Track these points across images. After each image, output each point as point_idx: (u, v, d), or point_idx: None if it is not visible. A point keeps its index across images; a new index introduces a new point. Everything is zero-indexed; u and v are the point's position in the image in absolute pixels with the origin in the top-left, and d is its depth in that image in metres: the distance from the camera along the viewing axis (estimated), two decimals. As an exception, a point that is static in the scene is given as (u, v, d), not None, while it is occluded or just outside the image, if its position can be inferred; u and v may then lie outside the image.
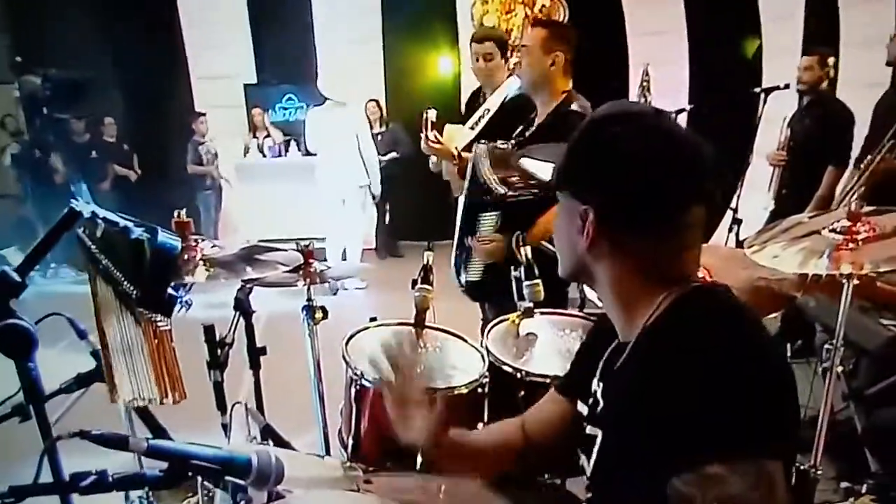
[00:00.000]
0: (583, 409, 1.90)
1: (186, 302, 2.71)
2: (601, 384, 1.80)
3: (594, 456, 1.74)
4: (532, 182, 3.79)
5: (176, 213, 3.03)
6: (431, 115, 4.65)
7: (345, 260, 10.16)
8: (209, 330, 3.10)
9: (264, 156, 12.44)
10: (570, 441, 1.95)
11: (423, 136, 4.67)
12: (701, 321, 1.57)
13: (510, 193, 3.95)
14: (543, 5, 11.13)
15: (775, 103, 6.62)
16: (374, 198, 10.51)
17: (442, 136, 4.75)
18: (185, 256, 2.92)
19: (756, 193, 6.84)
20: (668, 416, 1.44)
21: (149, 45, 11.34)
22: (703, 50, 11.07)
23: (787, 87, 6.51)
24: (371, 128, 10.89)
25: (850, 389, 3.83)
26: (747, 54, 11.02)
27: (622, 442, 1.62)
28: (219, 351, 3.16)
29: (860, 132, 6.40)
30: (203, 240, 3.08)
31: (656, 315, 1.63)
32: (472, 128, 4.80)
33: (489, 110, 4.81)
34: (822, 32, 8.83)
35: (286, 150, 12.58)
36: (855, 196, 5.37)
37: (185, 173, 11.89)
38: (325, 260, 9.46)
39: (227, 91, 12.58)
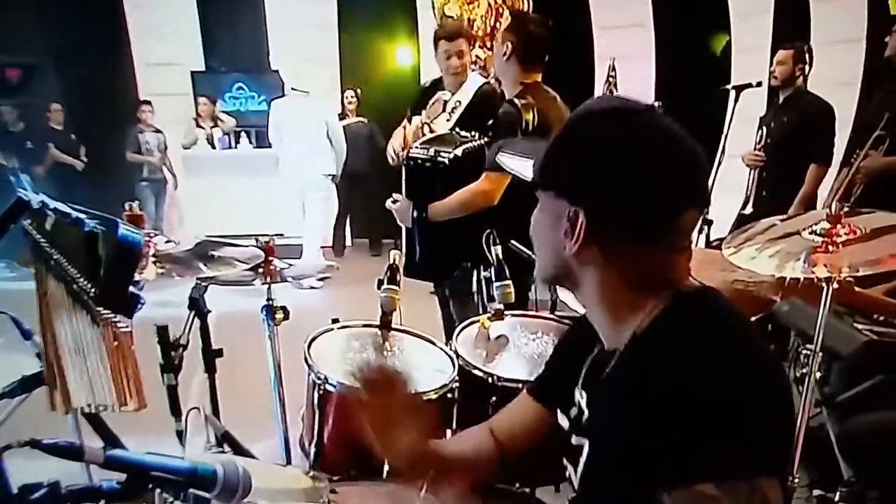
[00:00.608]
0: (562, 418, 1.86)
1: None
2: (585, 393, 1.77)
3: (581, 467, 1.70)
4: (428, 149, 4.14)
5: (127, 206, 2.94)
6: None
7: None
8: (163, 331, 3.02)
9: (213, 147, 12.21)
10: (545, 448, 1.95)
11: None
12: (694, 329, 1.52)
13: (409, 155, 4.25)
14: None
15: (744, 101, 6.60)
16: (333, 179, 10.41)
17: (408, 130, 4.88)
18: (138, 252, 2.85)
19: (727, 194, 6.82)
20: (660, 430, 1.40)
21: (90, 30, 11.19)
22: (671, 45, 11.10)
23: (759, 84, 6.38)
24: (346, 117, 11.22)
25: (822, 395, 3.84)
26: (716, 50, 11.09)
27: (610, 454, 1.58)
28: (173, 353, 3.09)
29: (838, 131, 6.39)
30: (156, 234, 3.00)
31: (646, 322, 1.59)
32: (447, 119, 4.85)
33: (460, 102, 4.85)
34: (792, 29, 8.79)
35: (237, 142, 12.42)
36: (837, 196, 5.43)
37: (129, 164, 11.73)
38: (300, 256, 9.83)
39: (173, 79, 12.39)
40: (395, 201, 4.35)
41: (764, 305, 3.52)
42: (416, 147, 4.29)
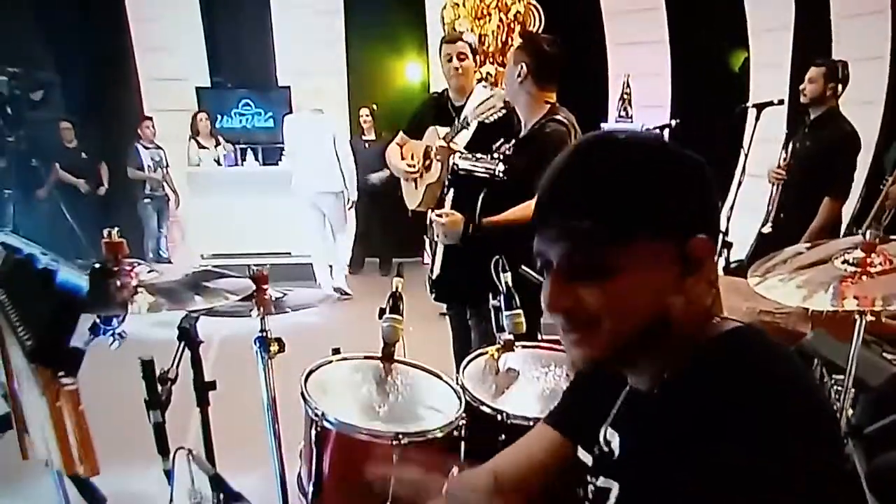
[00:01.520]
0: (583, 454, 1.74)
1: (119, 335, 2.53)
2: (617, 434, 1.63)
3: None
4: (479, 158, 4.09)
5: (106, 233, 2.80)
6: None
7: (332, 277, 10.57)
8: (147, 364, 2.88)
9: (219, 164, 12.06)
10: (562, 488, 1.83)
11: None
12: (749, 367, 1.40)
13: (461, 168, 4.15)
14: (518, 12, 10.96)
15: (766, 119, 6.45)
16: (351, 204, 10.70)
17: (423, 139, 5.11)
18: (118, 283, 2.70)
19: (747, 214, 6.69)
20: (725, 474, 1.27)
21: (93, 44, 11.14)
22: (688, 62, 10.97)
23: (781, 102, 6.23)
24: (363, 135, 11.47)
25: (849, 427, 3.72)
26: (734, 67, 10.96)
27: (651, 498, 1.44)
28: (160, 387, 2.94)
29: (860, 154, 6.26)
30: (139, 264, 2.86)
31: (686, 361, 1.46)
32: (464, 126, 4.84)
33: (469, 118, 4.78)
34: (813, 46, 8.69)
35: (243, 159, 12.27)
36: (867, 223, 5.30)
37: (132, 182, 11.65)
38: (312, 276, 10.17)
39: (178, 94, 12.27)
40: (441, 215, 4.20)
41: (793, 339, 3.40)
42: (462, 161, 4.21)
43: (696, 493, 1.30)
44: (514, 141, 4.24)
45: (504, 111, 4.42)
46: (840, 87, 6.19)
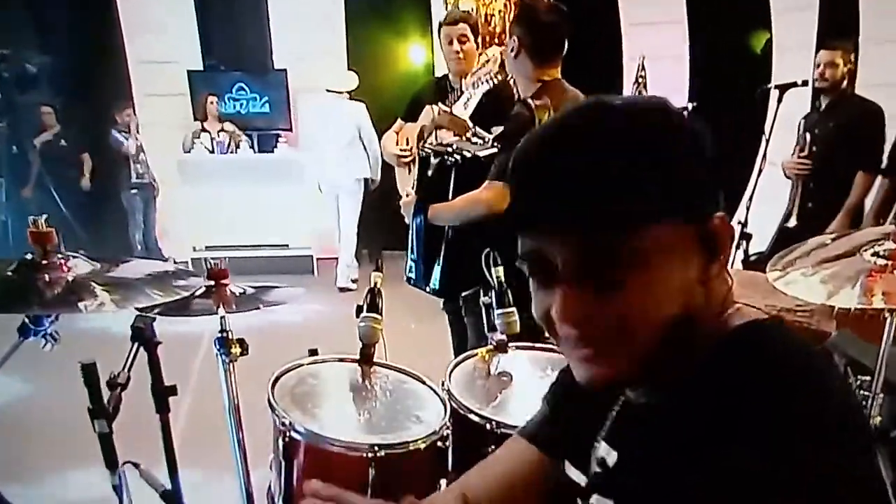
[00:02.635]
0: (575, 473, 1.59)
1: (52, 335, 2.38)
2: (614, 451, 1.47)
3: None
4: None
5: (31, 221, 2.62)
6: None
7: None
8: (89, 368, 2.70)
9: (212, 152, 11.86)
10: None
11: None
12: (764, 365, 1.23)
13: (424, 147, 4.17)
14: (518, -9, 10.83)
15: (788, 104, 6.30)
16: (372, 184, 10.78)
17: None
18: (48, 277, 2.53)
19: (767, 205, 6.52)
20: (735, 479, 1.13)
21: (79, 24, 11.00)
22: (706, 43, 10.83)
23: (805, 83, 6.05)
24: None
25: (875, 431, 3.61)
26: (755, 49, 10.84)
27: None
28: (108, 394, 2.77)
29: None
30: (75, 256, 2.69)
31: (697, 365, 1.28)
32: (464, 107, 4.75)
33: (472, 96, 4.73)
34: (839, 27, 8.59)
35: (237, 147, 12.08)
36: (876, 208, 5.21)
37: (118, 171, 11.53)
38: (314, 271, 10.65)
39: (168, 78, 12.13)
40: (407, 195, 4.22)
41: (818, 339, 3.24)
42: (436, 143, 4.21)
43: (703, 500, 1.17)
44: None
45: (497, 78, 4.39)
46: (856, 68, 6.30)
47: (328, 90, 10.45)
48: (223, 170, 11.68)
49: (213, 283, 3.08)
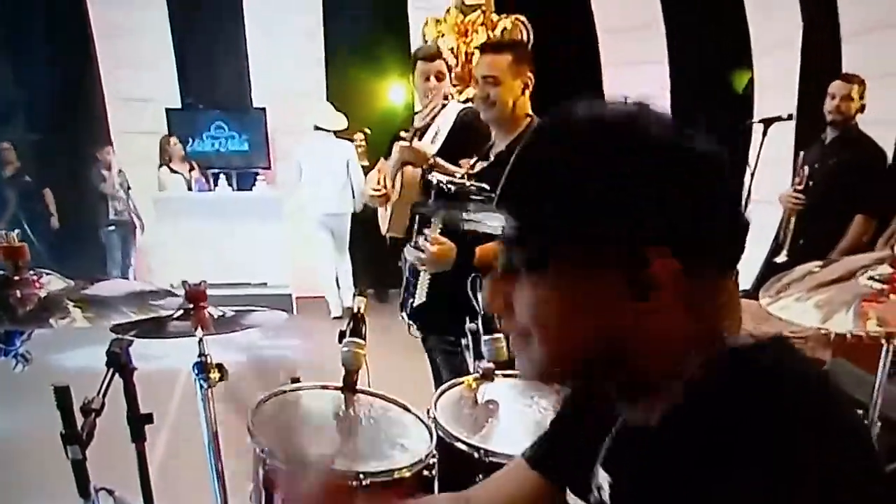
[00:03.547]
0: (575, 501, 1.55)
1: (23, 356, 2.31)
2: (609, 477, 1.41)
3: None
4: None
5: (3, 234, 2.56)
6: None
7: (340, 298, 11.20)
8: (62, 393, 2.62)
9: (190, 189, 11.93)
10: None
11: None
12: (753, 401, 1.15)
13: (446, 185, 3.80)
14: (505, 28, 10.80)
15: (771, 141, 6.27)
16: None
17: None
18: (19, 294, 2.47)
19: (753, 241, 6.48)
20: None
21: (57, 61, 10.95)
22: (688, 83, 10.88)
23: (790, 117, 6.11)
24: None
25: None
26: (737, 88, 10.91)
27: None
28: (81, 420, 2.69)
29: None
30: (48, 273, 2.62)
31: (688, 388, 1.22)
32: (431, 142, 4.67)
33: (440, 129, 4.68)
34: (822, 64, 8.60)
35: (215, 184, 12.14)
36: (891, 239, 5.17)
37: (95, 208, 11.48)
38: (289, 308, 10.55)
39: (146, 116, 12.13)
40: (431, 242, 3.80)
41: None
42: (446, 178, 3.91)
43: None
44: (490, 156, 4.08)
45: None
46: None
47: (317, 127, 10.76)
48: (201, 208, 11.71)
49: (191, 305, 3.01)
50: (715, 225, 1.18)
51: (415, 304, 4.04)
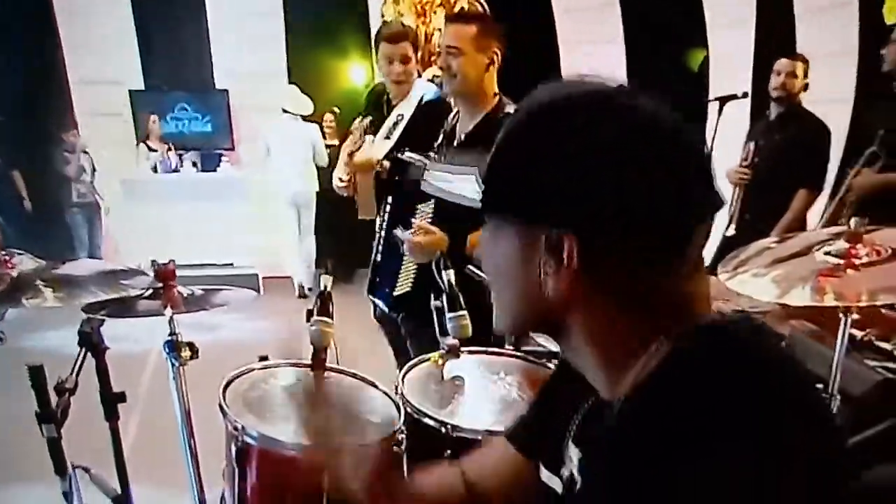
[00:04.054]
0: (550, 478, 1.57)
1: None
2: (580, 453, 1.45)
3: None
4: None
5: None
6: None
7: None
8: (36, 372, 2.62)
9: (156, 171, 11.85)
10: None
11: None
12: (719, 371, 1.18)
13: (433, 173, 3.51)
14: (462, 7, 10.79)
15: (727, 119, 6.29)
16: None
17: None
18: (-8, 275, 2.47)
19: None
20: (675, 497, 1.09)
21: (19, 43, 10.85)
22: (644, 62, 10.87)
23: (745, 95, 6.18)
24: (324, 139, 11.45)
25: None
26: (692, 66, 10.94)
27: None
28: (56, 399, 2.69)
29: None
30: (20, 253, 2.62)
31: (652, 365, 1.25)
32: (387, 137, 4.52)
33: (402, 116, 4.55)
34: (776, 42, 8.62)
35: (180, 166, 12.09)
36: (826, 218, 5.21)
37: (60, 189, 11.36)
38: (256, 288, 10.50)
39: (110, 98, 12.00)
40: (421, 232, 3.77)
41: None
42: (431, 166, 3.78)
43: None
44: (461, 136, 4.02)
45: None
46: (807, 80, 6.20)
47: (285, 111, 10.80)
48: (167, 189, 11.66)
49: (160, 284, 3.00)
50: (637, 217, 1.19)
51: (397, 294, 4.04)
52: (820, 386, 2.77)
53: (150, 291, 2.95)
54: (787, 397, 1.16)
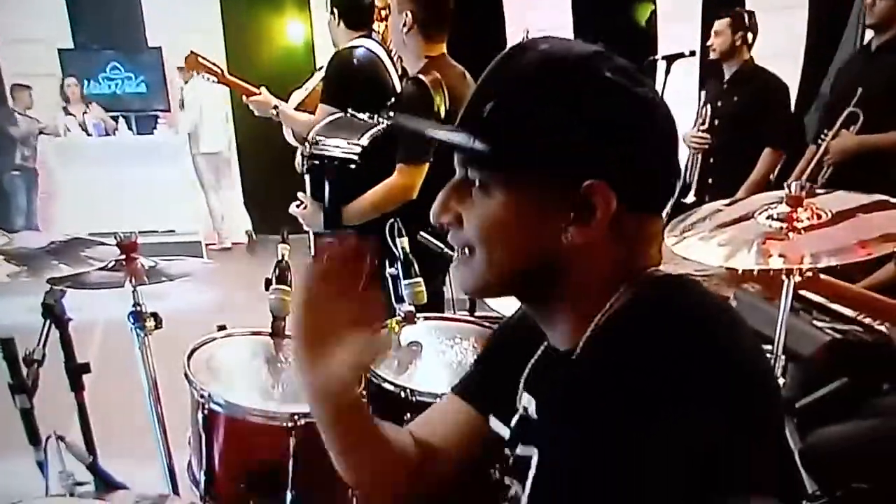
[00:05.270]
0: (499, 426, 1.69)
1: None
2: (533, 399, 1.57)
3: (530, 479, 1.51)
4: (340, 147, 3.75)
5: None
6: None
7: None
8: (7, 344, 2.75)
9: (89, 134, 11.77)
10: (477, 461, 1.82)
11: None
12: (674, 324, 1.33)
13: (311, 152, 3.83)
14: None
15: (676, 77, 6.35)
16: None
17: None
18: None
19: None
20: (637, 440, 1.22)
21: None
22: (590, 16, 10.87)
23: (692, 53, 6.22)
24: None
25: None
26: (640, 20, 10.98)
27: (567, 462, 1.38)
28: (25, 370, 2.83)
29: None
30: (-9, 230, 2.74)
31: (610, 313, 1.41)
32: (305, 89, 5.02)
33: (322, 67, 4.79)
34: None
35: (115, 129, 11.99)
36: (802, 178, 5.29)
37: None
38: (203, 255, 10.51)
39: (38, 57, 11.91)
40: (300, 205, 3.97)
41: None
42: (317, 138, 3.87)
43: (607, 460, 1.27)
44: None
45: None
46: (750, 36, 6.21)
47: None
48: (102, 153, 11.57)
49: (123, 256, 3.09)
50: (652, 166, 1.38)
51: None
52: (768, 347, 2.93)
53: (113, 263, 3.03)
54: (747, 358, 1.31)
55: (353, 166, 3.73)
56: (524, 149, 1.35)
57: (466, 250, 1.46)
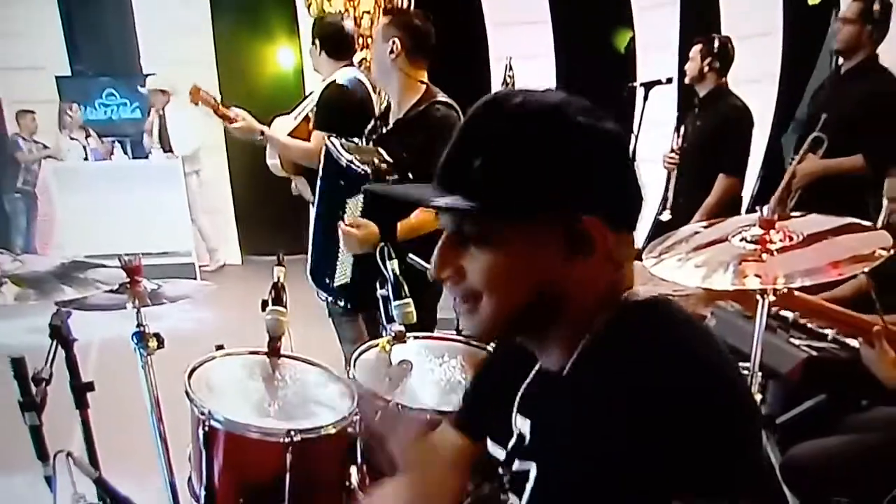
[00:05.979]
0: (495, 448, 1.72)
1: None
2: (528, 420, 1.62)
3: (528, 492, 1.55)
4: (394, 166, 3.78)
5: None
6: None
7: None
8: (18, 363, 2.79)
9: (86, 159, 11.74)
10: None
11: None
12: (655, 342, 1.41)
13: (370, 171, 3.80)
14: (391, -1, 10.82)
15: (656, 101, 6.41)
16: None
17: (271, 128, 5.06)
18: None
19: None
20: (625, 451, 1.28)
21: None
22: (571, 43, 10.98)
23: (669, 81, 6.23)
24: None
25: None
26: (619, 47, 11.05)
27: (566, 476, 1.44)
28: (33, 389, 2.87)
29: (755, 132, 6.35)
30: (1, 253, 2.78)
31: (595, 334, 1.48)
32: (295, 118, 5.03)
33: (314, 94, 4.90)
34: (701, 23, 8.78)
35: (111, 153, 11.99)
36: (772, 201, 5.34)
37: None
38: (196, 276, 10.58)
39: (37, 84, 11.87)
40: (352, 225, 3.80)
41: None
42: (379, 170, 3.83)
43: (599, 475, 1.31)
44: (388, 125, 4.24)
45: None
46: (719, 63, 6.25)
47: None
48: (99, 177, 11.45)
49: (128, 279, 3.14)
50: (629, 189, 1.47)
51: (337, 284, 4.12)
52: (745, 365, 2.97)
53: (117, 286, 3.07)
54: (722, 369, 1.38)
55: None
56: (518, 200, 1.40)
57: (471, 299, 1.50)
